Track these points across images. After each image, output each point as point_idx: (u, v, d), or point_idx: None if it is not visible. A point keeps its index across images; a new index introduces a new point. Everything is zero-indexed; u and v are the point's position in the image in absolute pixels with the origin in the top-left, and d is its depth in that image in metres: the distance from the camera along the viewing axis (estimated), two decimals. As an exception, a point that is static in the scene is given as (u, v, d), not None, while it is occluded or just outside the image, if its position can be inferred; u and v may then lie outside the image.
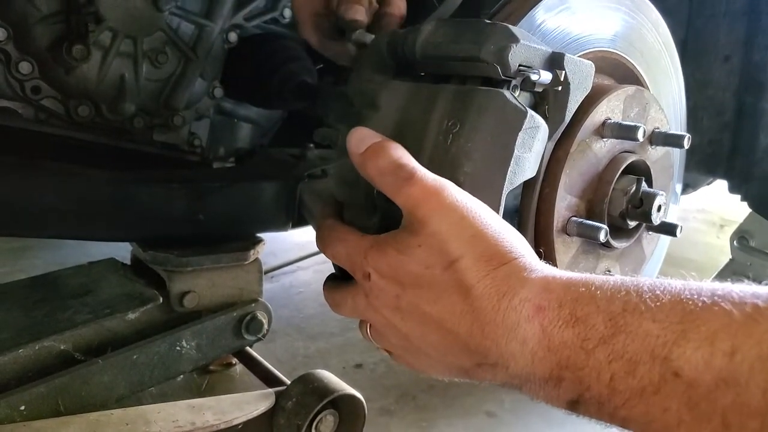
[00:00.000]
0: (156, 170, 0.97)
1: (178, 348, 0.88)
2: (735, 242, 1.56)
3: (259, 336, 0.97)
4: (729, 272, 1.56)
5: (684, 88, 0.80)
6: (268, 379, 1.09)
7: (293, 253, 1.83)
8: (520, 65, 0.52)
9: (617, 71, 0.70)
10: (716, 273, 1.62)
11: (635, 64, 0.71)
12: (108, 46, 0.89)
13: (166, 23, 0.93)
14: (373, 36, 0.67)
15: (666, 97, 0.76)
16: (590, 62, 0.58)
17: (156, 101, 0.99)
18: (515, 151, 0.51)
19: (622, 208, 0.65)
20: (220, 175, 1.03)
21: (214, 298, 0.93)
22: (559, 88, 0.55)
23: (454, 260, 0.46)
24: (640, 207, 0.65)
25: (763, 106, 1.11)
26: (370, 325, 0.54)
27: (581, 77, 0.57)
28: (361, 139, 0.52)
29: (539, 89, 0.54)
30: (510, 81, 0.53)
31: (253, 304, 0.96)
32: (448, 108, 0.52)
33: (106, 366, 0.79)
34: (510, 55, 0.51)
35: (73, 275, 0.91)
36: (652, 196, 0.64)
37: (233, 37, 1.04)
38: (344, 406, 0.99)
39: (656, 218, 0.65)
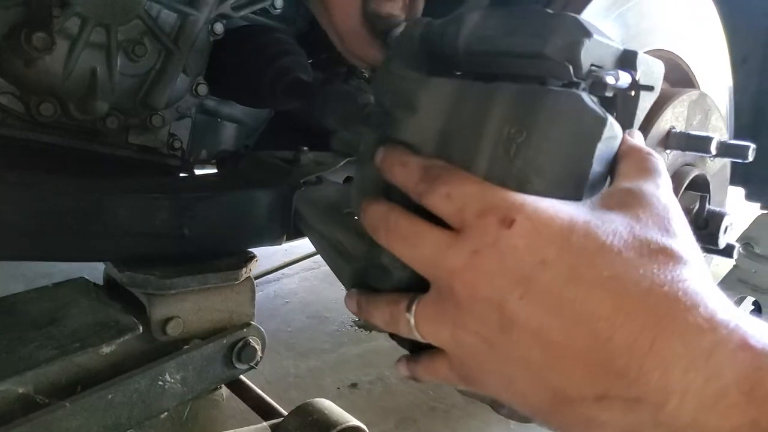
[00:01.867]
0: (132, 177, 0.86)
1: (160, 383, 0.77)
2: (740, 249, 1.50)
3: (252, 364, 0.86)
4: (733, 279, 1.51)
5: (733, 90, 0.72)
6: (260, 407, 0.98)
7: (277, 259, 1.72)
8: (591, 65, 0.43)
9: (671, 73, 0.62)
10: (720, 280, 1.57)
11: (690, 65, 0.62)
12: (76, 35, 0.77)
13: (144, 10, 0.82)
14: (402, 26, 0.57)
15: (718, 102, 0.68)
16: (660, 62, 0.49)
17: (132, 99, 0.87)
18: (593, 165, 0.42)
19: (685, 230, 0.56)
20: (206, 183, 0.91)
21: (202, 324, 0.82)
22: (632, 93, 0.46)
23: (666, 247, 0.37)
24: (705, 228, 0.56)
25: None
26: (434, 298, 0.42)
27: (652, 79, 0.48)
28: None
29: (609, 93, 0.45)
30: (579, 83, 0.43)
31: (245, 329, 0.85)
32: (510, 112, 0.42)
33: (76, 409, 0.68)
34: (583, 52, 0.42)
35: (35, 300, 0.79)
36: (718, 217, 0.56)
37: (219, 28, 0.93)
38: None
39: (722, 241, 0.56)
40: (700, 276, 0.36)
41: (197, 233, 0.81)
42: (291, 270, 1.69)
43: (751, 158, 0.59)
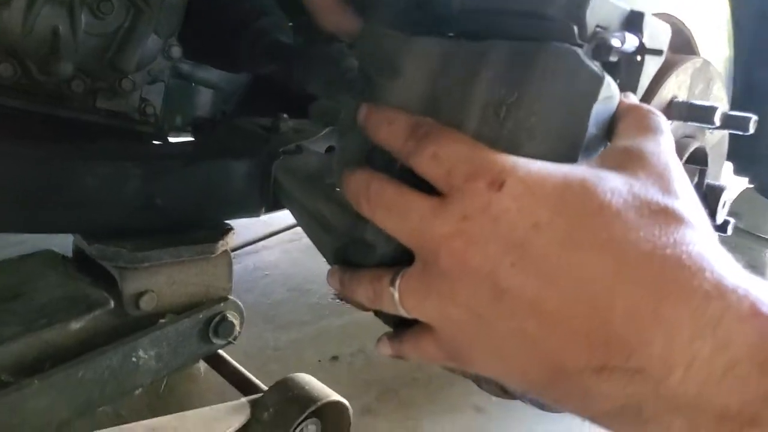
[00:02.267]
0: (101, 144, 0.81)
1: (134, 359, 0.73)
2: (734, 223, 1.50)
3: (230, 339, 0.83)
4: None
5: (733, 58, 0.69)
6: (239, 382, 0.96)
7: (256, 230, 1.67)
8: (596, 26, 0.40)
9: (673, 38, 0.59)
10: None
11: (691, 31, 0.59)
12: (35, -11, 0.71)
13: (110, -37, 0.76)
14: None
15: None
16: (667, 25, 0.46)
17: (99, 61, 0.82)
18: (588, 128, 0.39)
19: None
20: (180, 150, 0.87)
21: (176, 298, 0.79)
22: (638, 58, 0.43)
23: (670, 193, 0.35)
24: (704, 203, 0.54)
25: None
26: (419, 270, 0.39)
27: (658, 43, 0.45)
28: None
29: (614, 58, 0.42)
30: (582, 45, 0.40)
31: (222, 304, 0.82)
32: (501, 71, 0.39)
33: (44, 387, 0.65)
34: (589, 12, 0.39)
35: (-1, 273, 0.75)
36: (717, 191, 0.54)
37: (193, -17, 0.87)
38: (328, 413, 0.87)
39: (720, 216, 0.54)
40: (706, 238, 0.34)
41: (171, 204, 0.77)
42: (271, 242, 1.65)
43: (752, 130, 0.57)
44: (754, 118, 0.56)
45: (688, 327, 0.30)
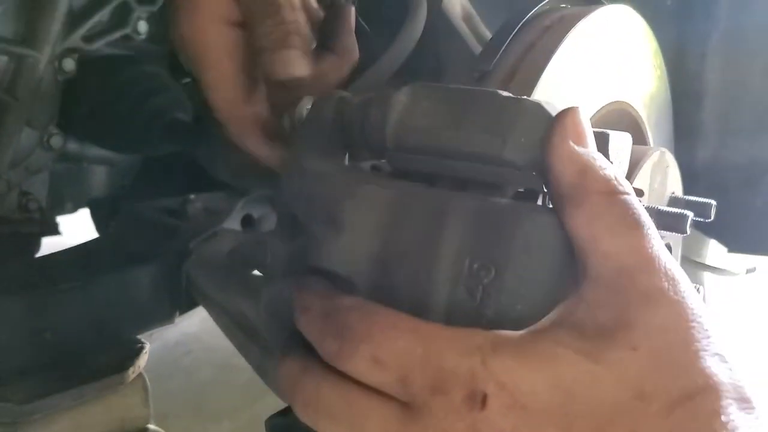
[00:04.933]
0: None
1: None
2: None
3: (156, 474, 0.72)
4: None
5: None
6: None
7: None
8: None
9: (621, 122, 0.54)
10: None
11: (639, 112, 0.55)
12: None
13: (-41, 59, 0.63)
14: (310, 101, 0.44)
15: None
16: (628, 134, 0.40)
17: (-40, 169, 0.69)
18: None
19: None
20: (70, 265, 0.74)
21: (84, 443, 0.66)
22: None
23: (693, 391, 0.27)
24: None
25: (701, 118, 1.02)
26: None
27: (622, 156, 0.40)
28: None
29: None
30: (543, 191, 0.34)
31: (140, 438, 0.70)
32: (468, 240, 0.32)
33: None
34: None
35: None
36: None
37: (70, 65, 0.74)
38: None
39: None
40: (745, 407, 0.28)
41: (64, 335, 0.65)
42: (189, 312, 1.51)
43: (712, 218, 0.53)
44: (713, 204, 0.52)
45: None
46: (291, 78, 0.43)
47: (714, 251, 1.25)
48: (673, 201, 0.53)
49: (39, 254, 0.82)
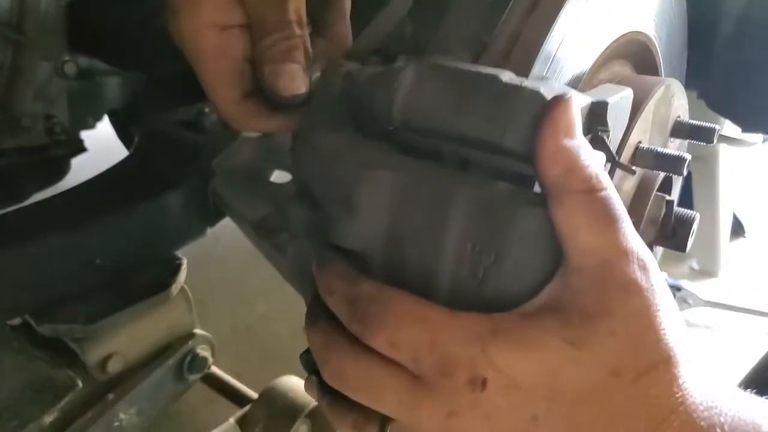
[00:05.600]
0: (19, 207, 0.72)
1: (116, 424, 0.72)
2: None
3: (206, 370, 0.82)
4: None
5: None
6: (226, 391, 0.96)
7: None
8: None
9: (637, 56, 0.55)
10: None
11: (656, 43, 0.55)
12: None
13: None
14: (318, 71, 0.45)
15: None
16: (629, 91, 0.42)
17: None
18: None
19: (650, 240, 0.53)
20: (105, 191, 0.78)
21: (143, 350, 0.76)
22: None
23: (657, 363, 0.33)
24: (674, 236, 0.53)
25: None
26: None
27: (622, 117, 0.42)
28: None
29: None
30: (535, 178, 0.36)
31: (189, 342, 0.80)
32: (470, 224, 0.36)
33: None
34: None
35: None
36: (688, 223, 0.53)
37: (70, -9, 0.74)
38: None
39: (690, 245, 0.54)
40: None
41: (111, 259, 0.72)
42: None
43: (715, 142, 0.55)
44: (718, 128, 0.54)
45: None
46: (291, 95, 0.43)
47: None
48: (678, 126, 0.55)
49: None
